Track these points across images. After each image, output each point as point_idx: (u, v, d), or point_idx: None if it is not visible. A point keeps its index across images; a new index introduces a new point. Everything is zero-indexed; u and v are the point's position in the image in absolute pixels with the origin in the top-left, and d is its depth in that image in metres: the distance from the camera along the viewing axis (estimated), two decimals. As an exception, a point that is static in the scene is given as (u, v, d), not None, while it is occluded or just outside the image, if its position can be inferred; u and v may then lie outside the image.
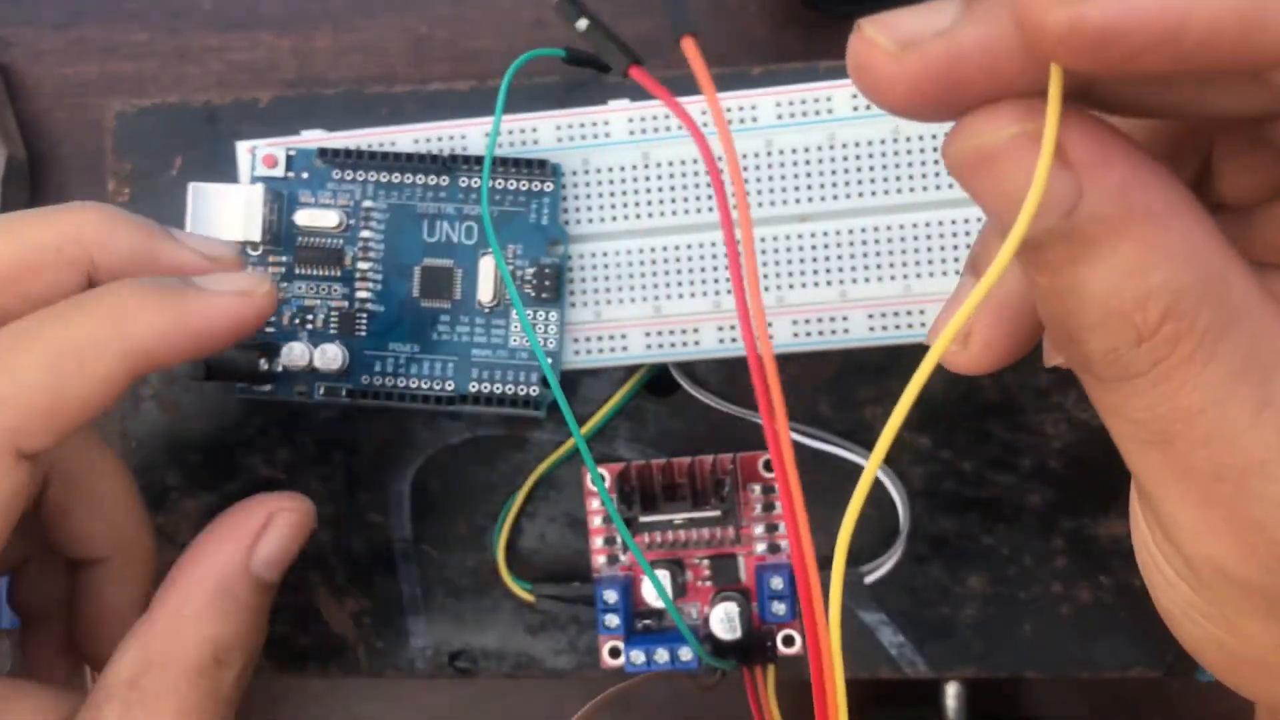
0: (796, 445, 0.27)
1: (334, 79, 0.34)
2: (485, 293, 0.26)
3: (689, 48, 0.17)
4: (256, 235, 0.26)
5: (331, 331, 0.26)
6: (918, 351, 0.27)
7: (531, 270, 0.26)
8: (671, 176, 0.26)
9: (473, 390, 0.26)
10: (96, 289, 0.20)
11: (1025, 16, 0.12)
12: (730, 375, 0.28)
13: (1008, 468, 0.27)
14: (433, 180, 0.26)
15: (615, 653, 0.27)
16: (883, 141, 0.25)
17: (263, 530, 0.22)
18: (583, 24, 0.19)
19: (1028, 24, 0.12)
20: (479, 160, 0.26)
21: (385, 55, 0.34)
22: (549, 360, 0.26)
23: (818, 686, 0.16)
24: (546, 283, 0.26)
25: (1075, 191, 0.13)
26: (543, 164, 0.26)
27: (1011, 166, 0.13)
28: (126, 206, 0.29)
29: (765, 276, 0.26)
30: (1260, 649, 0.16)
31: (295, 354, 0.26)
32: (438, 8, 0.34)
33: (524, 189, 0.26)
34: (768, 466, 0.27)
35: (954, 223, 0.25)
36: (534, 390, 0.26)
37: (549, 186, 0.26)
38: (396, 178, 0.26)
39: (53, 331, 0.19)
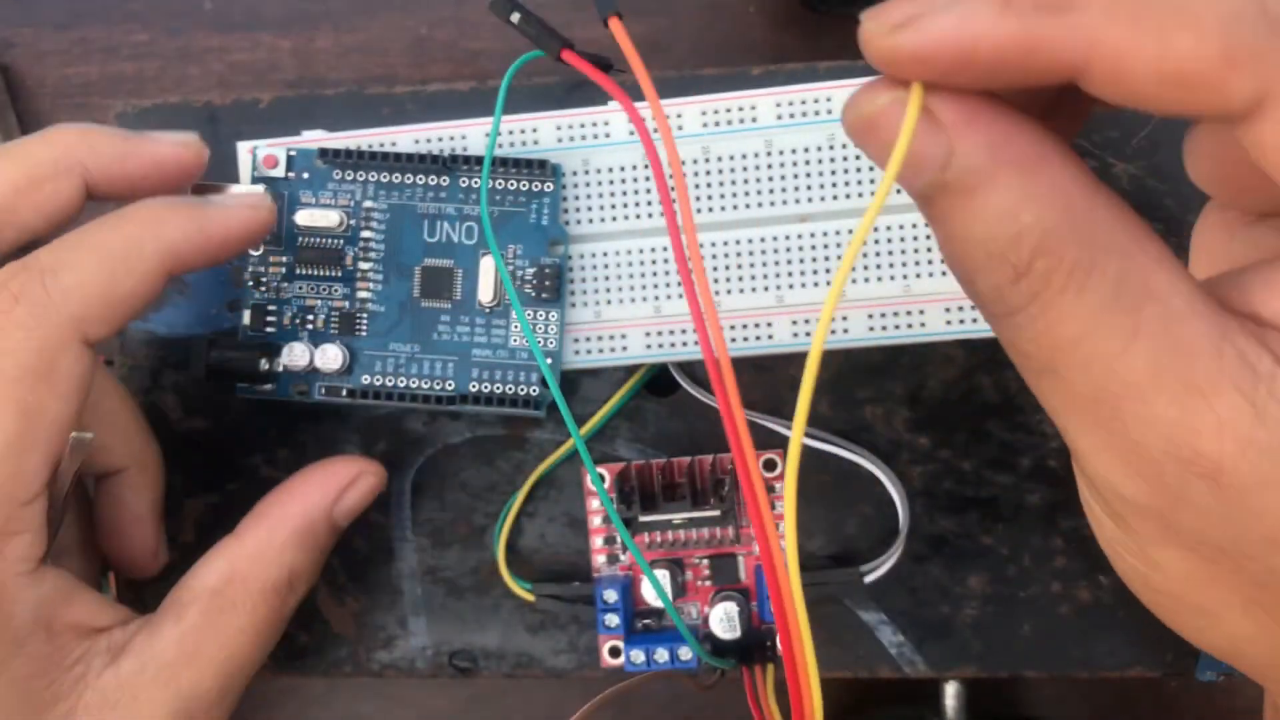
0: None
1: (334, 80, 0.34)
2: (485, 293, 0.26)
3: (616, 28, 0.18)
4: None
5: (332, 331, 0.26)
6: (918, 351, 0.27)
7: (531, 270, 0.26)
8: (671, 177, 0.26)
9: (473, 390, 0.26)
10: (132, 204, 0.23)
11: (862, 42, 0.15)
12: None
13: (1007, 467, 0.27)
14: (433, 180, 0.26)
15: (615, 652, 0.27)
16: (882, 142, 0.25)
17: (349, 485, 0.26)
18: (516, 17, 0.21)
19: (864, 49, 0.15)
20: (479, 160, 0.26)
21: (386, 56, 0.34)
22: (548, 360, 0.26)
23: (786, 653, 0.17)
24: (546, 283, 0.26)
25: (947, 148, 0.15)
26: (543, 164, 0.26)
27: (888, 130, 0.15)
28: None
29: (765, 276, 0.26)
30: (1171, 580, 0.17)
31: (296, 354, 0.26)
32: (438, 8, 0.34)
33: (524, 189, 0.26)
34: (768, 466, 0.27)
35: (953, 223, 0.25)
36: (534, 390, 0.26)
37: (549, 187, 0.26)
38: (397, 178, 0.26)
39: (101, 236, 0.22)
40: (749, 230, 0.26)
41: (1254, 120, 0.14)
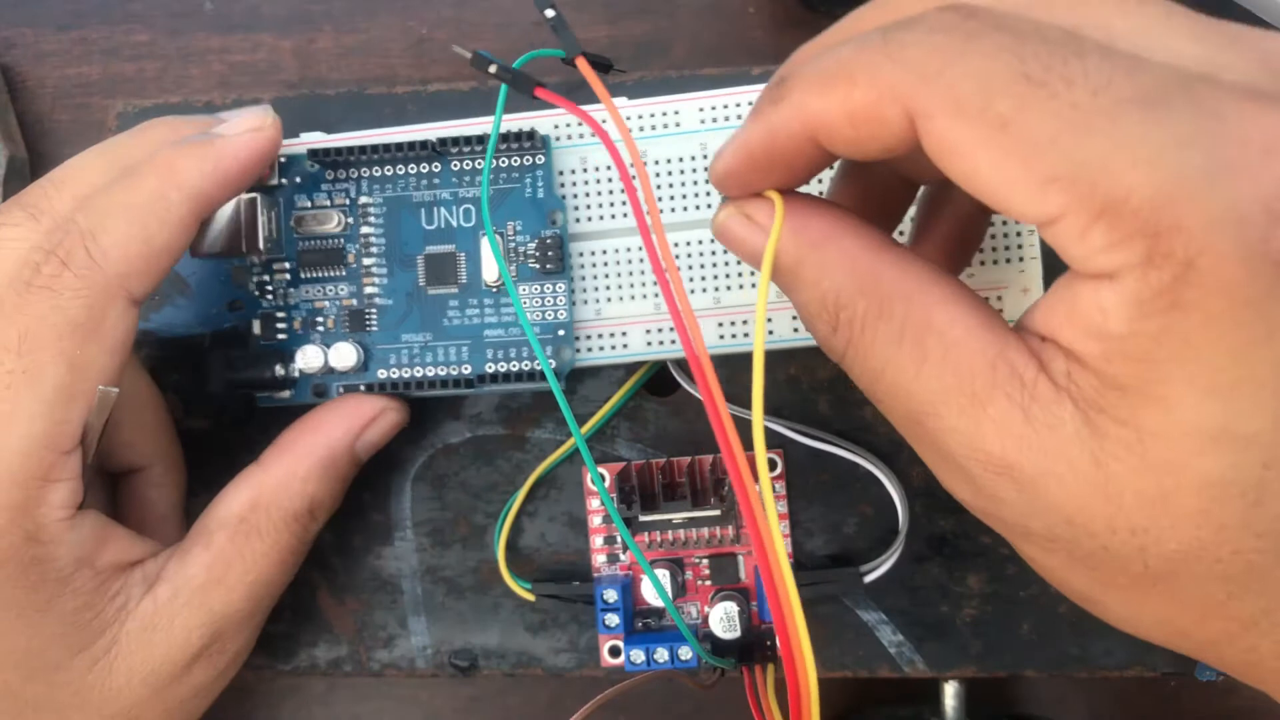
0: (796, 445, 0.27)
1: (335, 80, 0.34)
2: (490, 272, 0.26)
3: (583, 66, 0.23)
4: (243, 246, 0.26)
5: (343, 330, 0.27)
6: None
7: (533, 244, 0.26)
8: (670, 174, 0.26)
9: (489, 370, 0.26)
10: (145, 160, 0.24)
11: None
12: (730, 375, 0.28)
13: (1007, 467, 0.27)
14: (425, 168, 0.26)
15: (615, 652, 0.27)
16: (882, 141, 0.25)
17: (372, 420, 0.26)
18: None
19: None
20: (469, 141, 0.26)
21: (386, 56, 0.34)
22: (560, 332, 0.26)
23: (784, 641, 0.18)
24: (549, 254, 0.26)
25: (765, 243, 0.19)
26: (531, 134, 0.26)
27: (732, 236, 0.20)
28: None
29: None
30: (1050, 574, 0.18)
31: (309, 356, 0.26)
32: (439, 9, 0.34)
33: (516, 164, 0.26)
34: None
35: (953, 222, 0.25)
36: (550, 363, 0.26)
37: (540, 159, 0.26)
38: (389, 170, 0.26)
39: (127, 196, 0.23)
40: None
41: (921, 136, 0.16)
